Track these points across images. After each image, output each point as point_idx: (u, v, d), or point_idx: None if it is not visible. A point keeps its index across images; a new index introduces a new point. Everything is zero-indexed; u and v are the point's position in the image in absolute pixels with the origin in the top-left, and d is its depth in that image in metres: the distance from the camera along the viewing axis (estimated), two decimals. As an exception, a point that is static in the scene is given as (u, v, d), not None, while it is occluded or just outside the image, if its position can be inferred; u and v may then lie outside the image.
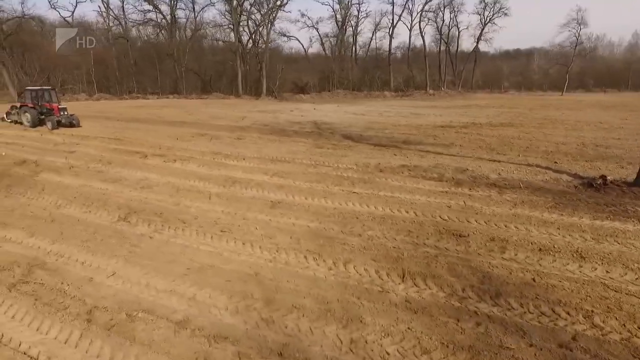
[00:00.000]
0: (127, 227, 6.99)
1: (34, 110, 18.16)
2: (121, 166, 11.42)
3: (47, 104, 18.43)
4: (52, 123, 17.61)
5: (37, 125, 18.16)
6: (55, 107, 18.11)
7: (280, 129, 20.11)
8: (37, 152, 13.37)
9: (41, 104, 18.33)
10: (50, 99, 18.94)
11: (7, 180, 9.84)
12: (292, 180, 10.01)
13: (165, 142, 15.60)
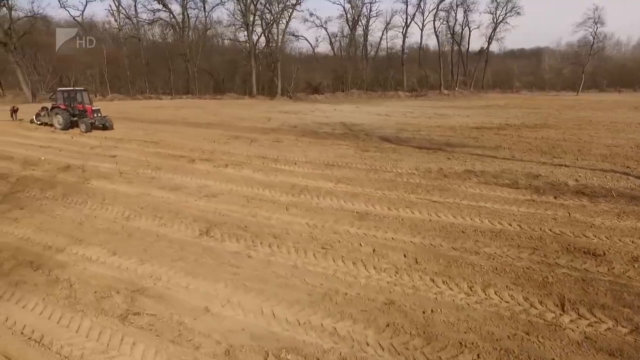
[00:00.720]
0: (215, 243, 6.35)
1: (66, 112, 17.41)
2: (172, 172, 10.76)
3: (80, 106, 17.68)
4: (85, 125, 16.89)
5: (68, 128, 17.43)
6: (88, 109, 17.37)
7: (312, 131, 19.46)
8: (76, 157, 12.70)
9: (73, 105, 17.58)
10: (82, 100, 18.17)
11: (60, 189, 9.17)
12: (360, 187, 9.38)
13: (204, 145, 14.95)
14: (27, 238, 6.59)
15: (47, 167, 11.29)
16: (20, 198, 8.61)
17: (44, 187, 9.24)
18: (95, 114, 17.32)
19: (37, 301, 4.71)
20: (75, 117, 17.47)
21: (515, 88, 55.73)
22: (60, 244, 6.32)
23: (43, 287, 5.03)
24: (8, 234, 6.72)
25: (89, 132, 16.82)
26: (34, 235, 6.65)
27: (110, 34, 50.44)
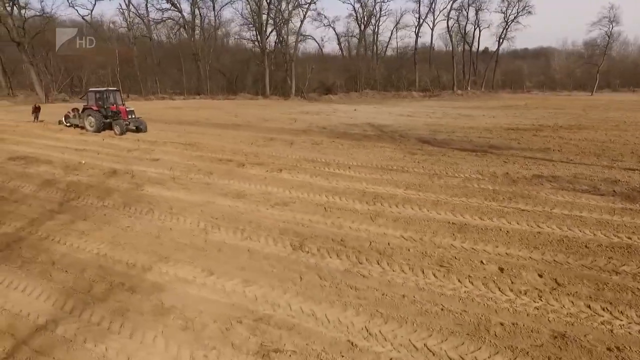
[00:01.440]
0: (315, 259, 5.73)
1: (99, 113, 16.72)
2: (226, 177, 10.12)
3: (113, 107, 16.98)
4: (120, 128, 16.20)
5: (101, 130, 16.77)
6: (122, 110, 16.64)
7: (343, 132, 18.84)
8: (117, 161, 12.05)
9: (107, 106, 16.89)
10: (115, 100, 17.39)
11: (117, 197, 8.53)
12: (432, 193, 8.76)
13: (242, 147, 14.32)
14: (104, 254, 5.96)
15: (92, 172, 10.64)
16: (78, 207, 7.97)
17: (100, 195, 8.59)
18: (129, 115, 16.60)
19: (154, 335, 4.08)
20: (107, 119, 16.80)
21: (526, 88, 55.14)
22: (144, 261, 5.69)
23: (152, 316, 4.41)
24: (83, 250, 6.09)
25: (123, 135, 16.14)
26: (112, 252, 6.02)
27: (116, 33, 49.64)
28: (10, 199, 8.41)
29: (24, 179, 9.94)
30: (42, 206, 8.01)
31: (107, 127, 16.87)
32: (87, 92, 18.11)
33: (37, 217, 7.43)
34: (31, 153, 13.01)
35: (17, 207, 7.94)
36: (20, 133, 17.33)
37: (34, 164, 11.55)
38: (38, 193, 8.89)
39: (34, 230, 6.85)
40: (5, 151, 13.41)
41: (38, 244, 6.34)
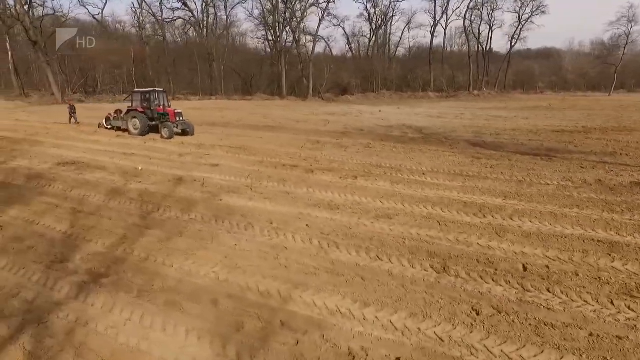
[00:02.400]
0: (472, 286, 4.97)
1: (144, 115, 15.81)
2: (302, 185, 9.35)
3: (160, 108, 16.02)
4: (169, 131, 15.28)
5: (146, 133, 15.90)
6: (170, 112, 15.73)
7: (385, 135, 18.12)
8: (174, 166, 11.25)
9: (153, 108, 15.98)
10: (161, 102, 16.41)
11: (201, 209, 7.73)
12: (537, 204, 8.02)
13: (295, 151, 13.57)
14: (224, 280, 5.19)
15: (155, 180, 9.84)
16: (164, 220, 7.18)
17: (181, 207, 7.80)
18: (177, 117, 15.74)
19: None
20: (153, 121, 15.90)
21: (539, 89, 54.56)
22: (278, 289, 4.93)
23: (339, 366, 3.65)
24: (198, 275, 5.31)
25: (171, 139, 15.26)
26: (232, 277, 5.24)
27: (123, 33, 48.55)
28: (85, 211, 7.60)
29: (86, 188, 9.13)
30: (123, 219, 7.21)
31: (152, 130, 15.94)
32: (131, 93, 17.21)
33: (125, 232, 6.63)
34: (78, 158, 12.19)
35: (97, 221, 7.14)
36: (54, 135, 16.49)
37: (87, 170, 10.73)
38: (109, 204, 8.09)
39: (128, 249, 6.06)
40: (49, 155, 12.59)
41: (142, 266, 5.56)
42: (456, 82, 48.45)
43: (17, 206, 7.88)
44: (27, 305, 4.59)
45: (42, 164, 11.49)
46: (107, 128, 17.31)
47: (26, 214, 7.51)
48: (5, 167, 11.15)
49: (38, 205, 7.94)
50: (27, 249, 6.06)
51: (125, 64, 39.47)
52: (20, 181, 9.76)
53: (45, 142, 14.76)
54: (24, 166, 11.29)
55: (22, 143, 14.69)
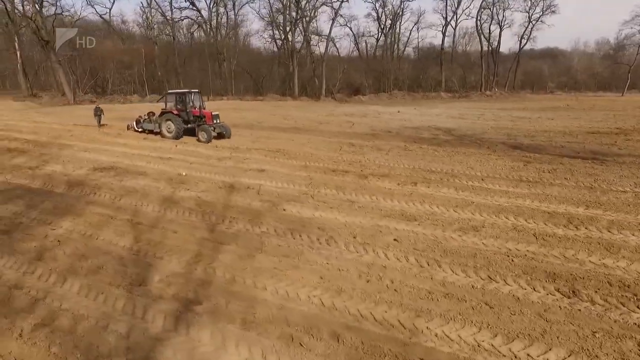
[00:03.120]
0: (615, 314, 4.39)
1: (179, 118, 15.07)
2: (362, 193, 8.74)
3: (196, 110, 15.29)
4: (207, 135, 14.45)
5: (180, 137, 15.17)
6: (207, 114, 15.02)
7: (416, 137, 17.48)
8: (217, 172, 10.63)
9: (189, 110, 15.23)
10: (196, 103, 15.57)
11: (270, 220, 7.11)
12: (627, 214, 7.43)
13: (335, 155, 12.96)
14: (330, 306, 4.60)
15: (205, 187, 9.22)
16: (236, 234, 6.56)
17: (249, 218, 7.19)
18: (214, 120, 15.03)
19: None
20: (188, 124, 15.20)
21: (549, 89, 53.99)
22: (392, 317, 4.35)
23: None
24: (298, 300, 4.71)
25: (209, 142, 14.47)
26: (338, 302, 4.65)
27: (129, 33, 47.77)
28: (144, 223, 6.99)
29: (135, 196, 8.51)
30: (189, 233, 6.60)
31: (187, 133, 15.20)
32: (165, 94, 16.29)
33: (198, 248, 6.03)
34: (114, 162, 11.56)
35: (162, 234, 6.53)
36: (79, 138, 15.84)
37: (128, 176, 10.11)
38: (167, 214, 7.48)
39: (209, 268, 5.46)
40: (82, 160, 11.96)
41: (233, 290, 4.96)
42: (467, 82, 47.84)
43: (69, 217, 7.27)
44: (124, 340, 3.99)
45: (78, 169, 10.87)
46: (137, 131, 16.67)
47: (81, 226, 6.89)
48: (40, 173, 10.52)
49: (91, 216, 7.33)
50: (96, 268, 5.45)
51: (136, 64, 38.74)
52: (61, 188, 9.13)
53: (72, 145, 14.11)
54: (59, 171, 10.66)
55: (48, 146, 14.04)
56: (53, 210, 7.67)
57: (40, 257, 5.77)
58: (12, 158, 12.39)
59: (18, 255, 5.78)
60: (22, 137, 15.71)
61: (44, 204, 7.98)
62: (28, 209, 7.70)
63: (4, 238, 6.39)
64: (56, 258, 5.75)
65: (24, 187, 9.26)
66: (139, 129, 16.64)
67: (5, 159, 12.26)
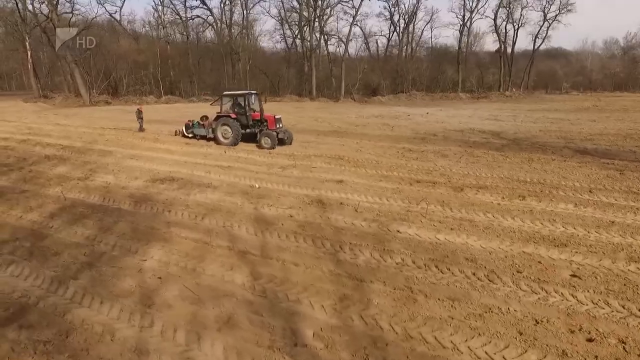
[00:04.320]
0: None
1: (237, 122, 13.65)
2: (476, 210, 7.59)
3: (256, 114, 13.88)
4: (272, 140, 13.04)
5: (237, 143, 13.71)
6: (270, 119, 13.61)
7: (467, 140, 16.29)
8: (290, 183, 9.46)
9: (248, 114, 13.78)
10: (255, 106, 14.21)
11: (400, 248, 5.96)
12: None
13: (401, 161, 11.89)
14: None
15: (289, 202, 8.05)
16: (369, 267, 5.38)
17: (371, 246, 6.03)
18: (277, 124, 13.62)
19: None
20: (247, 129, 13.80)
21: (564, 89, 52.97)
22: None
23: None
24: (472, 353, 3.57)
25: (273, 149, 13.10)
26: None
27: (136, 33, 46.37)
28: (253, 253, 5.81)
29: (217, 215, 7.34)
30: (313, 265, 5.44)
31: (244, 138, 13.83)
32: (220, 96, 14.83)
33: (336, 288, 4.88)
34: (171, 172, 10.38)
35: (282, 268, 5.38)
36: (116, 143, 14.64)
37: (194, 189, 8.93)
38: (270, 239, 6.31)
39: (368, 317, 4.31)
40: (132, 169, 10.78)
41: (417, 351, 3.82)
42: (484, 83, 46.74)
43: (156, 244, 6.10)
44: None
45: (133, 181, 9.69)
46: (186, 136, 15.27)
47: (176, 256, 5.73)
48: (93, 185, 9.34)
49: (181, 243, 6.16)
50: (227, 319, 4.30)
51: (151, 64, 37.43)
52: (127, 204, 7.96)
53: (113, 152, 12.91)
54: (113, 183, 9.47)
55: (87, 153, 12.84)
56: (132, 234, 6.50)
57: (148, 302, 4.61)
58: (53, 167, 11.19)
59: (121, 301, 4.62)
60: (55, 143, 14.48)
61: (118, 226, 6.81)
62: (102, 233, 6.53)
63: (93, 274, 5.22)
64: (169, 304, 4.59)
65: (84, 203, 8.08)
66: (188, 134, 15.24)
67: (46, 168, 11.06)
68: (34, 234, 6.50)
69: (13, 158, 12.23)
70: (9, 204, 7.98)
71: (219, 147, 13.83)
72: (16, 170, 10.79)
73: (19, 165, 11.30)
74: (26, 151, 13.24)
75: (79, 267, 5.38)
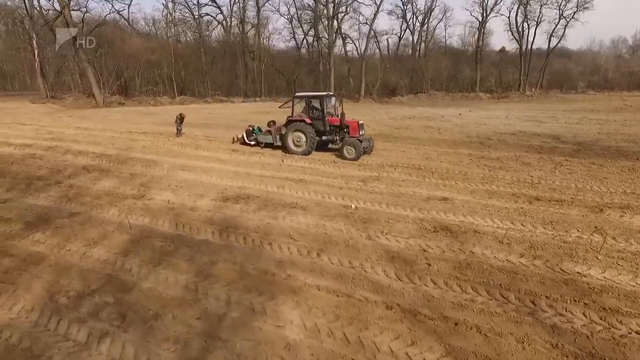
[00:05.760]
0: None
1: (312, 128, 11.83)
2: None
3: (334, 119, 12.04)
4: (357, 151, 11.12)
5: (311, 152, 11.95)
6: (353, 125, 11.77)
7: (534, 145, 14.77)
8: (388, 202, 7.89)
9: (326, 118, 11.99)
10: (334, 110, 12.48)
11: (615, 303, 4.46)
12: None
13: (483, 172, 10.36)
14: None
15: (407, 230, 6.50)
16: (599, 339, 3.90)
17: (564, 297, 4.51)
18: (360, 130, 11.78)
19: None
20: (323, 136, 12.01)
21: (580, 88, 51.70)
22: None
23: None
24: None
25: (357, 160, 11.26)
26: None
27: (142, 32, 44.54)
28: (420, 312, 4.27)
29: (336, 251, 5.75)
30: (521, 335, 3.91)
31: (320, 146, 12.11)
32: (292, 97, 12.99)
33: None
34: (240, 188, 8.80)
35: (486, 342, 3.84)
36: (154, 150, 12.98)
37: (280, 211, 7.35)
38: (424, 287, 4.77)
39: None
40: (189, 183, 9.16)
41: None
42: (503, 82, 45.33)
43: (282, 298, 4.53)
44: None
45: (199, 199, 8.09)
46: (248, 144, 13.39)
47: (321, 319, 4.17)
48: (155, 206, 7.73)
49: (316, 296, 4.59)
50: None
51: (164, 64, 35.62)
52: (210, 234, 6.37)
53: (158, 162, 11.28)
54: (178, 203, 7.87)
55: (128, 163, 11.20)
56: (243, 281, 4.92)
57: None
58: (95, 180, 9.56)
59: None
60: (85, 150, 12.80)
61: (218, 269, 5.23)
62: (203, 280, 4.94)
63: (227, 356, 3.65)
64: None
65: (155, 232, 6.48)
66: (250, 141, 13.36)
67: (88, 182, 9.43)
68: (112, 282, 4.92)
69: (45, 169, 10.57)
70: (62, 234, 6.38)
71: (273, 155, 12.25)
72: (54, 185, 9.15)
73: (56, 179, 9.65)
74: (57, 160, 11.58)
75: (202, 343, 3.81)
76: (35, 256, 5.62)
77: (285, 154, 12.28)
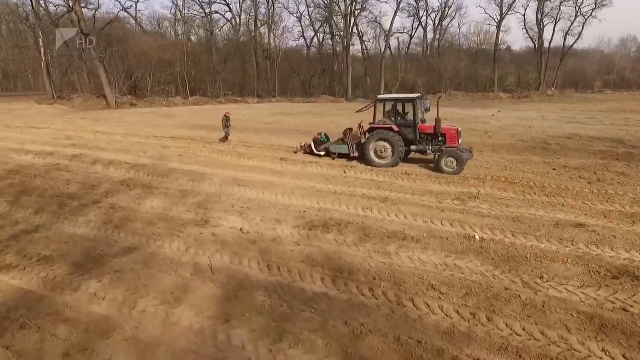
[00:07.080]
0: None
1: (399, 137, 10.22)
2: None
3: (428, 126, 10.44)
4: (460, 163, 9.57)
5: (398, 164, 10.35)
6: (451, 133, 10.11)
7: (593, 151, 13.27)
8: (515, 231, 6.35)
9: (417, 125, 10.37)
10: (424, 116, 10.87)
11: None
12: None
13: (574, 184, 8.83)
14: None
15: (572, 275, 4.96)
16: None
17: None
18: (459, 139, 10.21)
19: None
20: (413, 146, 10.43)
21: (596, 87, 50.29)
22: None
23: None
24: None
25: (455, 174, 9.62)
26: None
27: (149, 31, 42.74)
28: None
29: (510, 310, 4.25)
30: None
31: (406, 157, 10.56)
32: (374, 101, 11.20)
33: None
34: (320, 210, 7.22)
35: None
36: (194, 159, 11.38)
37: (385, 244, 5.81)
38: None
39: None
40: (257, 204, 7.57)
41: None
42: (522, 81, 43.83)
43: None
44: None
45: (277, 226, 6.53)
46: (318, 155, 11.52)
47: None
48: (227, 238, 6.14)
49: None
50: None
51: (177, 63, 33.89)
52: (319, 283, 4.81)
53: (206, 175, 9.66)
54: (253, 233, 6.29)
55: (171, 176, 9.59)
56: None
57: None
58: (140, 199, 7.97)
59: None
60: (116, 159, 11.18)
61: (365, 345, 3.68)
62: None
63: None
64: None
65: (244, 277, 4.92)
66: (320, 152, 11.57)
67: (131, 202, 7.84)
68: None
69: (76, 185, 8.97)
70: (126, 284, 4.80)
71: (331, 165, 10.69)
72: (92, 206, 7.57)
73: (92, 198, 8.07)
74: (87, 173, 9.97)
75: None
76: (101, 323, 4.06)
77: (347, 164, 10.71)
